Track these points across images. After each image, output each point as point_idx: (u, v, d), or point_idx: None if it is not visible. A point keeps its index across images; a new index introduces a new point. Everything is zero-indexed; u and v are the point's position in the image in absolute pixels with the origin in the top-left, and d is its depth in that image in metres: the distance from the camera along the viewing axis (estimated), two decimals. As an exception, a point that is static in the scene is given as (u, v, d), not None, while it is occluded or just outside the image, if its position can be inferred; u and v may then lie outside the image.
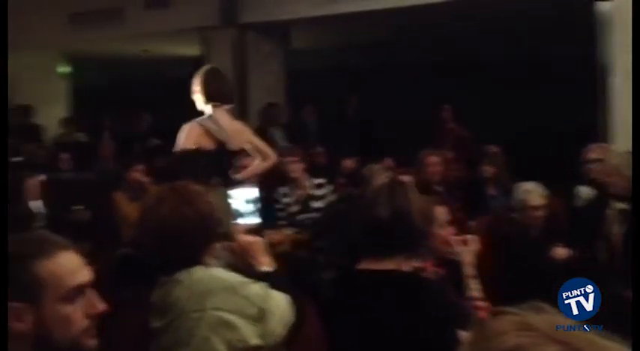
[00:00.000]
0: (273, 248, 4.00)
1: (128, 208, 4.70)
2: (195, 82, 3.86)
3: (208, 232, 1.99)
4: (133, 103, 9.37)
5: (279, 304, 1.94)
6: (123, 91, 11.13)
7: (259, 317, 1.89)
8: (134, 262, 2.44)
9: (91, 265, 3.20)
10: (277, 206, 4.83)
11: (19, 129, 8.45)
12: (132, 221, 3.76)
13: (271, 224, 4.49)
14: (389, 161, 5.87)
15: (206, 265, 2.00)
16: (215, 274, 1.96)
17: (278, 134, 7.37)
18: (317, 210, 4.84)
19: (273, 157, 4.06)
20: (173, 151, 3.71)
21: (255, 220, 2.39)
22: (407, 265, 2.03)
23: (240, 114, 7.58)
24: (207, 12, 7.38)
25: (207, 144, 3.70)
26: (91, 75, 11.63)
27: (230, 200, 2.20)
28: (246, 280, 1.97)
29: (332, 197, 4.93)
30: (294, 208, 4.85)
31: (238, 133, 3.87)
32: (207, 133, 3.73)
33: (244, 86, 7.56)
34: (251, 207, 2.29)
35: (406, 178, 4.13)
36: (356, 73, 9.89)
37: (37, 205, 5.02)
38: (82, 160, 6.86)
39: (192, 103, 3.89)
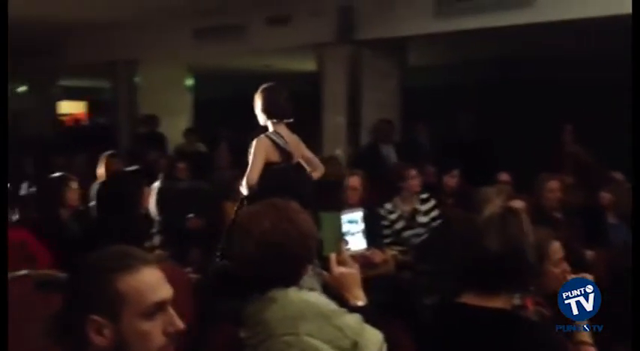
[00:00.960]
0: (376, 269, 3.97)
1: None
2: (256, 99, 4.11)
3: (307, 251, 1.97)
4: (250, 116, 9.58)
5: (374, 340, 1.88)
6: (242, 104, 11.45)
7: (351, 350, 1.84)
8: (232, 274, 2.47)
9: (196, 274, 3.28)
10: (383, 223, 4.76)
11: (145, 137, 8.94)
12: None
13: (376, 242, 4.43)
14: (505, 176, 5.64)
15: (300, 286, 1.98)
16: (309, 298, 1.92)
17: (389, 151, 7.32)
18: (423, 225, 4.79)
19: (322, 168, 4.29)
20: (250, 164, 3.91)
21: (360, 245, 2.35)
22: (509, 303, 1.90)
23: (352, 130, 7.61)
24: (325, 29, 7.47)
25: (275, 156, 3.98)
26: (213, 88, 12.12)
27: (341, 224, 2.19)
28: (340, 309, 1.92)
29: (436, 212, 4.87)
30: (400, 224, 4.79)
31: (296, 147, 4.12)
32: (275, 146, 3.99)
33: (357, 102, 7.57)
34: (355, 230, 2.25)
35: (519, 204, 3.95)
36: (472, 90, 9.64)
37: (152, 211, 5.25)
38: (199, 170, 7.10)
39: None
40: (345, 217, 2.27)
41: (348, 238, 2.27)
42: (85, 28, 9.27)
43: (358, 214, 2.29)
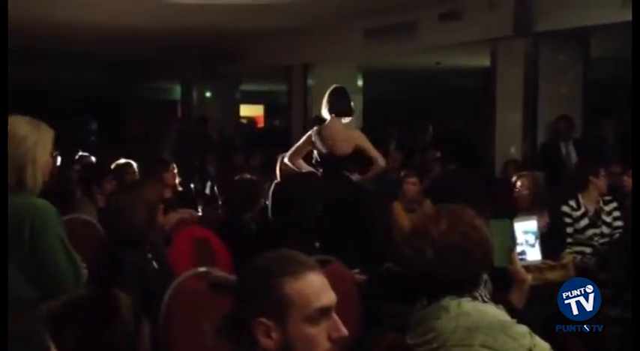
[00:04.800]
0: (554, 272, 3.73)
1: (403, 219, 4.76)
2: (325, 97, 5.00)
3: (486, 257, 1.89)
4: (419, 114, 9.48)
5: (545, 348, 1.79)
6: (411, 103, 11.37)
7: None
8: (398, 277, 2.43)
9: (363, 275, 3.28)
10: (566, 220, 4.56)
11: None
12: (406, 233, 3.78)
13: (556, 247, 4.17)
14: None
15: (474, 297, 1.90)
16: (483, 308, 1.85)
17: (570, 150, 6.89)
18: (607, 224, 4.57)
19: (381, 161, 5.04)
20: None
21: (535, 256, 2.22)
22: None
23: (528, 128, 7.24)
24: (501, 22, 7.17)
25: (312, 145, 4.89)
26: (382, 87, 12.15)
27: (513, 231, 2.11)
28: (511, 319, 1.84)
29: (618, 213, 4.63)
30: (584, 222, 4.57)
31: (346, 141, 4.85)
32: (318, 136, 4.85)
33: (534, 98, 7.19)
34: (531, 241, 2.12)
35: None
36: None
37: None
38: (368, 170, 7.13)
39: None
40: (519, 226, 2.14)
41: (524, 248, 2.14)
42: (264, 34, 9.74)
43: (533, 223, 2.15)
